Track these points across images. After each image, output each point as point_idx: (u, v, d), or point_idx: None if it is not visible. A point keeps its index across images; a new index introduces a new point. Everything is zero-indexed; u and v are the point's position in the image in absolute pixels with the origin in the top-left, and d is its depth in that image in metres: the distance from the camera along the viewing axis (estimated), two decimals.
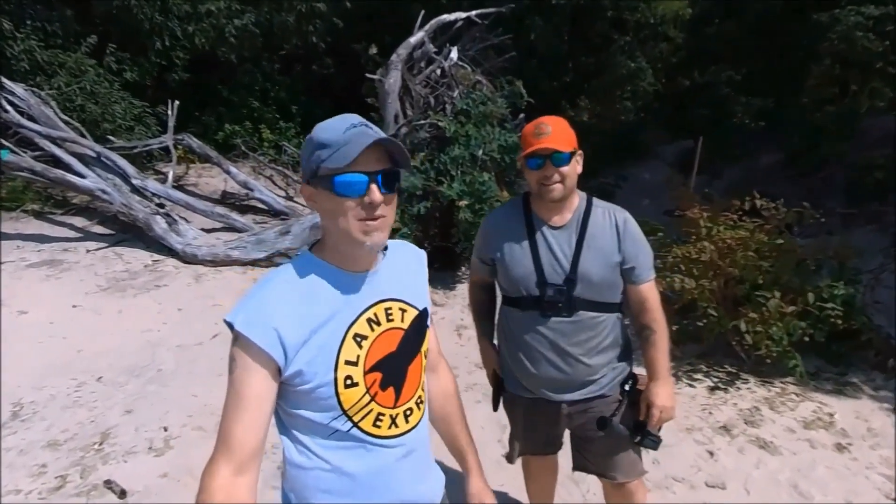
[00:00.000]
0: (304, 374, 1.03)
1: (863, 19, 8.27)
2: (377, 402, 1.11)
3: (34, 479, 2.76)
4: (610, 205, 1.82)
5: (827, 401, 3.57)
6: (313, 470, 1.11)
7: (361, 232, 1.04)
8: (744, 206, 4.11)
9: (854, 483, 2.80)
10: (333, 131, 1.03)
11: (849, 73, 10.29)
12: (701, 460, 2.98)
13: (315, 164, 1.04)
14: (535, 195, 1.76)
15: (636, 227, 1.79)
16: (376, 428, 1.12)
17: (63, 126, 6.65)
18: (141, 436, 3.12)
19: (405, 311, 1.18)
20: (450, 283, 5.60)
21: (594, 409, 1.82)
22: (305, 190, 1.09)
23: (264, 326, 1.00)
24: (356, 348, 1.08)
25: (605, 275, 1.72)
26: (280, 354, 1.01)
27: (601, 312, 1.76)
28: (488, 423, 3.11)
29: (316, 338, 1.04)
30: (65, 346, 4.13)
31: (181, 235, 6.05)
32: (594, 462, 1.91)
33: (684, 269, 3.98)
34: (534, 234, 1.75)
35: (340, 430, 1.09)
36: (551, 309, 1.72)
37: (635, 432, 1.82)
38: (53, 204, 6.89)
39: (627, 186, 8.57)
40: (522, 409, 1.92)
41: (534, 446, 2.01)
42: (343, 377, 1.06)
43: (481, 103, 5.67)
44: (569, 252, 1.72)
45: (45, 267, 5.50)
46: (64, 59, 7.62)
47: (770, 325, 3.63)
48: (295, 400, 1.08)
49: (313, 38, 9.66)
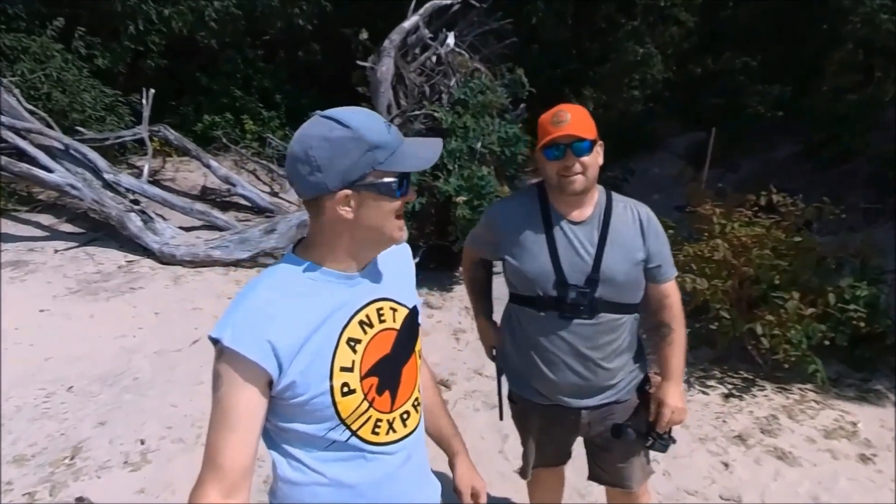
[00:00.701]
0: (297, 386, 1.03)
1: (889, 1, 8.31)
2: (375, 407, 1.12)
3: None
4: (630, 199, 1.83)
5: (849, 408, 3.59)
6: (309, 486, 1.11)
7: (399, 229, 1.11)
8: (759, 201, 4.13)
9: (879, 496, 2.83)
10: (381, 132, 1.05)
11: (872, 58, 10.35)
12: (715, 472, 3.00)
13: (368, 168, 1.03)
14: (554, 188, 1.72)
15: (658, 223, 1.80)
16: (375, 435, 1.13)
17: (28, 116, 6.61)
18: (116, 449, 3.12)
19: (396, 311, 1.19)
20: (447, 285, 5.61)
21: (614, 416, 1.84)
22: (343, 197, 1.04)
23: (256, 338, 1.00)
24: (350, 353, 1.09)
25: (629, 274, 1.73)
26: (274, 367, 1.00)
27: (623, 314, 1.77)
28: (489, 432, 3.13)
29: (308, 346, 1.04)
30: (32, 354, 4.11)
31: (158, 234, 6.04)
32: (609, 471, 1.93)
33: (696, 268, 4.00)
34: (551, 229, 1.73)
35: (338, 441, 1.10)
36: (572, 311, 1.70)
37: (647, 435, 1.85)
38: (18, 200, 6.84)
39: (636, 180, 8.58)
40: (538, 417, 1.91)
41: (547, 458, 2.01)
42: (339, 385, 1.06)
43: (480, 92, 5.68)
44: (591, 249, 1.70)
45: (10, 268, 5.48)
46: (28, 43, 7.55)
47: (788, 327, 3.64)
48: (287, 414, 1.07)
49: (299, 21, 9.63)
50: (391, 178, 1.05)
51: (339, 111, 1.06)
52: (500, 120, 5.55)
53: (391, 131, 1.07)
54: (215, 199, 7.71)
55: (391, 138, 1.06)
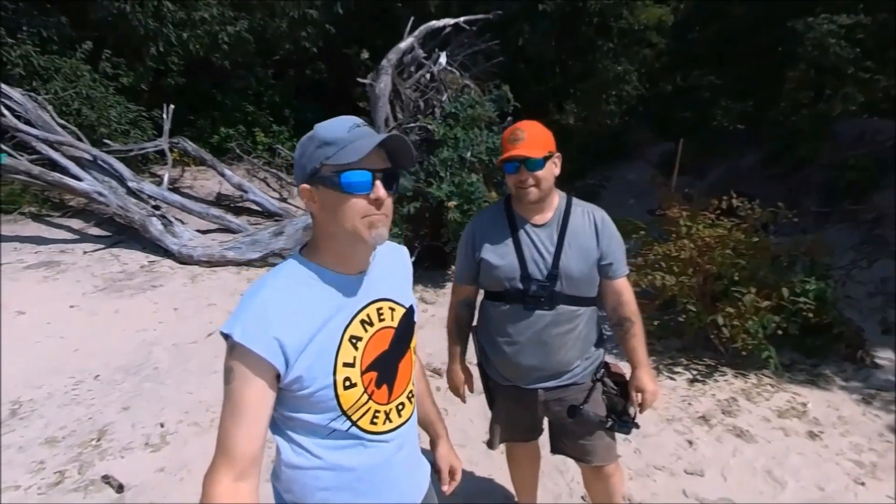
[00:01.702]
0: (303, 380, 1.03)
1: (835, 27, 8.42)
2: (374, 399, 1.12)
3: (33, 475, 2.75)
4: (588, 204, 1.87)
5: (800, 391, 3.62)
6: (311, 470, 1.10)
7: (366, 228, 1.05)
8: (721, 205, 4.16)
9: (825, 469, 2.85)
10: (337, 130, 1.04)
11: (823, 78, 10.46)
12: (681, 449, 3.02)
13: (317, 162, 1.03)
14: (515, 197, 1.79)
15: (612, 225, 1.84)
16: (373, 425, 1.13)
17: (60, 130, 6.60)
18: (137, 432, 3.12)
19: (394, 310, 1.18)
20: (440, 282, 5.62)
21: (569, 397, 1.86)
22: (304, 190, 1.07)
23: (264, 335, 0.99)
24: (352, 350, 1.09)
25: (584, 270, 1.77)
26: (281, 362, 1.00)
27: (579, 306, 1.81)
28: (476, 416, 3.14)
29: (314, 343, 1.04)
30: (62, 346, 4.11)
31: (177, 237, 6.03)
32: (570, 446, 1.95)
33: (665, 266, 4.01)
34: (517, 232, 1.79)
35: (339, 430, 1.10)
36: (534, 302, 1.75)
37: (607, 418, 1.86)
38: (51, 206, 6.86)
39: (613, 186, 8.62)
40: (502, 397, 1.97)
41: (514, 432, 2.05)
42: (342, 379, 1.06)
43: (469, 107, 5.71)
44: (551, 249, 1.76)
45: (43, 268, 5.47)
46: (60, 64, 7.57)
47: (746, 319, 3.67)
48: (294, 404, 1.07)
49: (305, 44, 9.63)
50: (334, 172, 1.01)
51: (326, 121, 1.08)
52: (489, 132, 5.56)
53: (353, 131, 1.03)
54: (229, 204, 7.70)
55: (344, 136, 1.02)
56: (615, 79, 12.16)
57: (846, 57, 8.62)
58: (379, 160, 1.05)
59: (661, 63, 13.74)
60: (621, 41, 12.70)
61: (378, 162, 1.04)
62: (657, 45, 13.80)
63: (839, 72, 9.59)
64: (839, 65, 8.97)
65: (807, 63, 9.99)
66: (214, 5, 8.72)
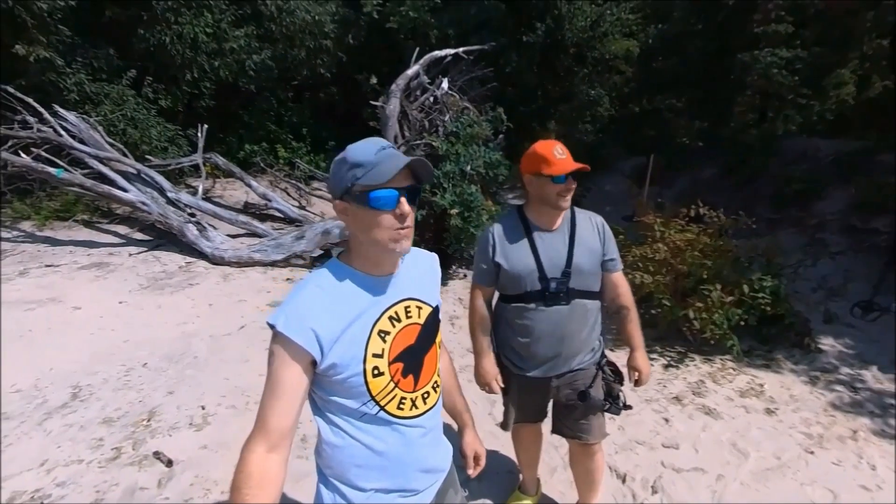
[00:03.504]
0: (337, 367, 1.03)
1: (777, 59, 8.54)
2: (400, 388, 1.11)
3: (93, 451, 2.73)
4: (587, 211, 1.89)
5: (758, 374, 3.64)
6: (347, 448, 1.10)
7: (392, 240, 1.04)
8: (690, 213, 4.17)
9: (781, 441, 2.88)
10: (366, 153, 1.03)
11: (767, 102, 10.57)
12: (658, 426, 3.03)
13: (349, 182, 1.02)
14: (549, 204, 1.73)
15: (609, 229, 1.88)
16: (400, 410, 1.12)
17: (108, 148, 6.54)
18: (182, 413, 3.10)
19: (421, 309, 1.18)
20: (442, 281, 5.58)
21: (576, 382, 1.86)
22: (339, 206, 1.06)
23: (303, 327, 1.00)
24: (381, 342, 1.08)
25: (592, 266, 1.79)
26: (317, 350, 1.01)
27: (589, 300, 1.81)
28: (480, 399, 3.12)
29: (346, 335, 1.04)
30: (113, 337, 4.07)
31: (210, 240, 5.98)
32: (570, 426, 1.94)
33: (642, 266, 4.03)
34: (532, 238, 1.78)
35: (369, 414, 1.09)
36: (554, 299, 1.75)
37: (605, 401, 1.87)
38: (100, 214, 6.80)
39: (591, 196, 8.62)
40: (517, 384, 1.94)
41: (526, 415, 2.04)
42: (371, 368, 1.06)
43: (468, 126, 5.68)
44: (563, 250, 1.76)
45: (94, 269, 5.41)
46: (108, 90, 7.52)
47: (713, 312, 3.69)
48: (329, 388, 1.08)
49: (321, 70, 9.59)
50: (364, 191, 1.01)
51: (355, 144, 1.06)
52: (485, 148, 5.55)
53: (379, 154, 1.02)
54: (255, 211, 7.64)
55: (372, 158, 1.01)
56: (590, 101, 12.18)
57: (787, 84, 8.73)
58: (403, 178, 1.04)
59: (630, 88, 13.80)
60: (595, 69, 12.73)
61: (402, 180, 1.04)
62: (625, 72, 13.86)
63: (781, 97, 9.72)
64: (781, 91, 9.10)
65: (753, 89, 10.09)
66: (242, 37, 8.66)
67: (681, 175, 9.53)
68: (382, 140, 1.07)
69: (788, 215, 6.76)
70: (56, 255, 5.69)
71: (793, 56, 8.60)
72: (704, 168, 9.49)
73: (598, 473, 2.05)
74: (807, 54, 8.65)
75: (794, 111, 11.53)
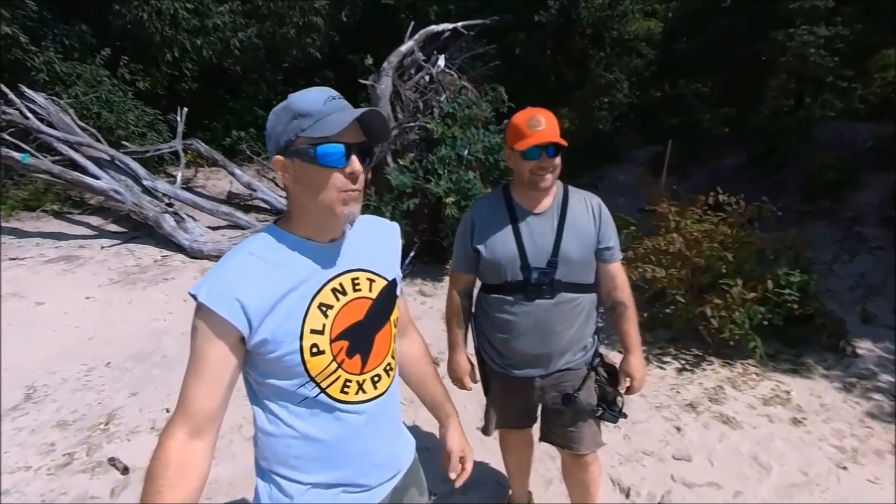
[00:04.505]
0: (269, 343, 0.98)
1: (815, 38, 8.34)
2: (344, 368, 1.05)
3: (43, 456, 2.69)
4: (584, 192, 1.78)
5: (784, 379, 3.54)
6: (283, 437, 1.05)
7: (341, 202, 1.00)
8: (708, 201, 4.07)
9: (808, 454, 2.78)
10: (313, 102, 0.97)
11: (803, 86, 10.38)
12: (669, 435, 2.94)
13: (293, 134, 0.97)
14: (525, 184, 1.65)
15: (608, 212, 1.76)
16: (344, 394, 1.06)
17: (80, 132, 6.55)
18: (144, 416, 3.06)
19: (373, 282, 1.11)
20: (438, 276, 5.53)
21: (564, 383, 1.77)
22: (278, 162, 1.00)
23: (227, 297, 0.94)
24: (321, 317, 1.02)
25: (583, 255, 1.68)
26: (244, 324, 0.95)
27: (579, 293, 1.71)
28: (470, 403, 3.05)
29: (280, 307, 0.98)
30: (77, 334, 4.05)
31: (188, 232, 5.96)
32: (559, 434, 1.86)
33: (655, 259, 3.93)
34: (516, 221, 1.68)
35: (309, 397, 1.03)
36: (535, 292, 1.65)
37: (597, 407, 1.77)
38: (71, 204, 6.81)
39: (604, 186, 8.54)
40: (499, 384, 1.87)
41: (509, 419, 1.95)
42: (309, 345, 1.00)
43: (467, 107, 5.61)
44: (550, 236, 1.66)
45: (63, 262, 5.40)
46: (81, 70, 7.54)
47: (733, 310, 3.59)
48: (264, 368, 1.02)
49: (311, 50, 9.56)
50: (309, 145, 0.96)
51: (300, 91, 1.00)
52: (485, 131, 5.47)
53: (329, 104, 0.97)
54: (239, 202, 7.63)
55: (321, 108, 0.96)
56: (607, 86, 12.03)
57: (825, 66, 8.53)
58: (355, 134, 0.99)
59: (650, 72, 13.63)
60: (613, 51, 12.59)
61: (354, 136, 0.99)
62: (646, 55, 13.69)
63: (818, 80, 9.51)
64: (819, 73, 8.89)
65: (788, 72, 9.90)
66: (226, 13, 8.65)
67: (699, 166, 9.39)
68: (331, 89, 1.01)
69: (820, 206, 6.62)
70: (22, 247, 5.69)
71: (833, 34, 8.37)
72: (726, 157, 9.35)
73: (593, 487, 1.96)
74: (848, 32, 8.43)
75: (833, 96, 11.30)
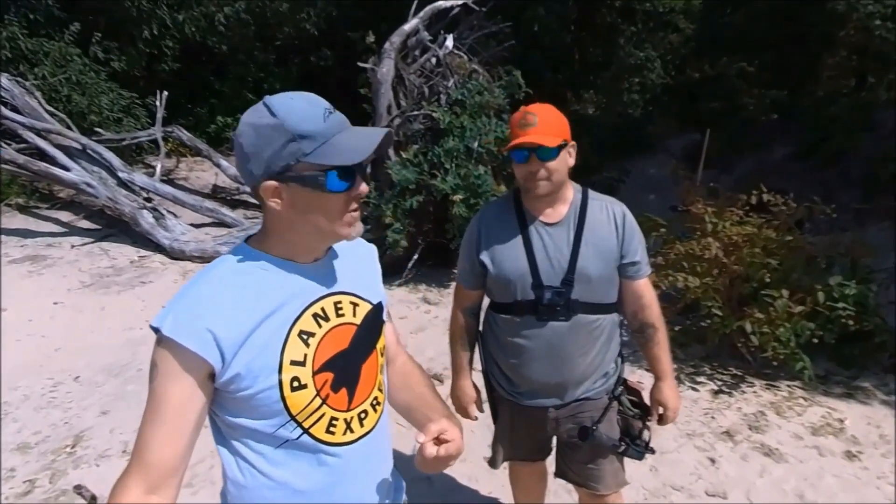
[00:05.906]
0: (243, 379, 0.95)
1: (881, 8, 8.14)
2: (329, 405, 1.03)
3: (2, 483, 2.71)
4: (606, 197, 1.74)
5: (837, 405, 3.49)
6: (257, 489, 1.02)
7: (347, 225, 1.00)
8: (751, 200, 4.02)
9: (864, 493, 2.72)
10: (312, 120, 0.94)
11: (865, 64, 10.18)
12: (702, 468, 2.91)
13: (292, 159, 0.93)
14: (523, 190, 1.65)
15: (634, 221, 1.71)
16: (330, 434, 1.04)
17: (48, 117, 6.62)
18: (116, 438, 3.08)
19: (357, 306, 1.10)
20: (444, 281, 5.53)
21: (582, 414, 1.75)
22: (268, 188, 0.96)
23: (196, 328, 0.92)
24: (303, 346, 1.00)
25: (603, 272, 1.64)
26: (216, 358, 0.92)
27: (599, 314, 1.68)
28: (478, 427, 3.01)
29: (255, 337, 0.95)
30: (43, 345, 4.10)
31: (169, 230, 6.01)
32: (576, 471, 1.83)
33: (688, 266, 3.90)
34: (527, 231, 1.64)
35: (290, 440, 1.01)
36: (548, 313, 1.62)
37: (620, 441, 1.74)
38: (39, 198, 6.89)
39: (632, 181, 8.45)
40: (508, 411, 1.85)
41: (520, 452, 1.94)
42: (289, 379, 0.98)
43: (477, 93, 5.60)
44: (566, 250, 1.62)
45: (28, 263, 5.48)
46: (48, 47, 7.57)
47: (777, 325, 3.54)
48: (234, 408, 0.99)
49: (306, 26, 9.59)
50: (317, 172, 0.94)
51: (278, 97, 0.97)
52: (498, 120, 5.45)
53: (328, 120, 0.96)
54: (225, 197, 7.69)
55: (323, 128, 0.94)
56: (638, 66, 11.98)
57: (893, 41, 8.35)
58: None
59: (688, 49, 13.51)
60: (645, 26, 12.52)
61: None
62: (684, 29, 13.58)
63: (885, 57, 9.31)
64: (885, 49, 8.72)
65: (848, 48, 9.73)
66: None
67: (743, 157, 9.28)
68: (319, 98, 1.00)
69: (882, 205, 6.51)
70: None
71: None
72: (775, 147, 9.23)
73: None
74: None
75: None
